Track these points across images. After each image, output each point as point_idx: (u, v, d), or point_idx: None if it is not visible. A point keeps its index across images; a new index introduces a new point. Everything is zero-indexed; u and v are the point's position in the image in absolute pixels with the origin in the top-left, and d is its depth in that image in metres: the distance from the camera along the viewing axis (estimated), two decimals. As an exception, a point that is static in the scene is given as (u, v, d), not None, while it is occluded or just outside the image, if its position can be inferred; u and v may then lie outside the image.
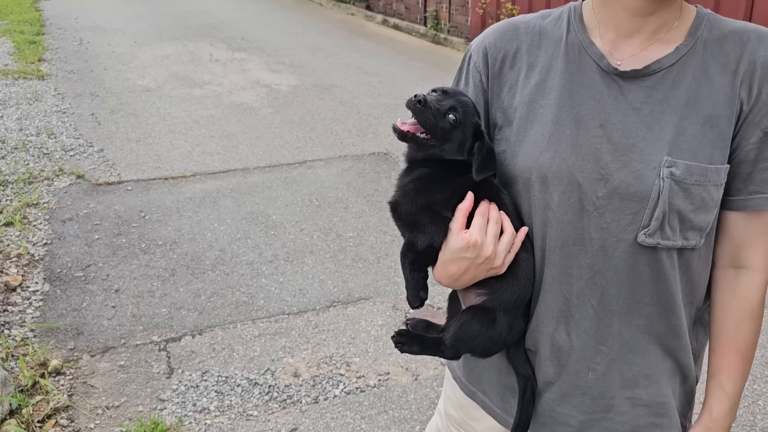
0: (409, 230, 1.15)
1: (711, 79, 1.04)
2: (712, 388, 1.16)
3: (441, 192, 1.13)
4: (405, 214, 1.15)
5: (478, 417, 1.33)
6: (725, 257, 1.14)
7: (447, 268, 1.13)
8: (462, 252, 1.09)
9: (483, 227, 1.09)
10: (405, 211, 1.15)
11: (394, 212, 1.18)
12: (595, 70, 1.09)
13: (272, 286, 3.73)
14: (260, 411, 2.82)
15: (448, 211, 1.12)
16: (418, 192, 1.14)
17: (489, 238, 1.09)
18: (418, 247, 1.13)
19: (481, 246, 1.08)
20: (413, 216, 1.14)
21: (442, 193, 1.13)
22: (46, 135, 5.67)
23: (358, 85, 7.94)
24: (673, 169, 1.01)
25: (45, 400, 2.76)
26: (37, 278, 3.64)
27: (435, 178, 1.15)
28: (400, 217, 1.17)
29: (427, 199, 1.13)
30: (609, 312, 1.10)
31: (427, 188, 1.14)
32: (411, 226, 1.15)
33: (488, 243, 1.09)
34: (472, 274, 1.12)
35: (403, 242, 1.18)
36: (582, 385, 1.14)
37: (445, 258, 1.12)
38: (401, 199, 1.16)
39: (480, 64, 1.20)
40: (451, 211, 1.12)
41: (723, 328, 1.15)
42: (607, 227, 1.06)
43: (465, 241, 1.08)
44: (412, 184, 1.16)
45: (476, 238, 1.07)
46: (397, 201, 1.17)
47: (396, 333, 1.21)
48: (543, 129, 1.10)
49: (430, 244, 1.12)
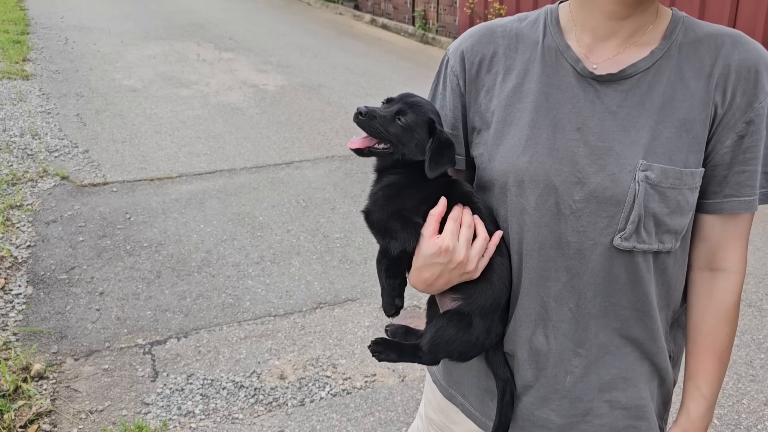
0: (382, 237, 1.16)
1: (686, 83, 1.05)
2: (689, 390, 1.17)
3: (411, 198, 1.13)
4: (377, 221, 1.15)
5: (457, 420, 1.33)
6: (701, 260, 1.14)
7: (420, 273, 1.12)
8: (434, 257, 1.08)
9: (455, 232, 1.09)
10: (377, 219, 1.15)
11: (368, 220, 1.18)
12: (572, 74, 1.09)
13: (258, 288, 3.71)
14: (246, 414, 2.80)
15: (419, 217, 1.12)
16: (387, 199, 1.15)
17: (461, 242, 1.09)
18: (391, 254, 1.14)
19: (453, 251, 1.08)
20: (384, 223, 1.14)
21: (413, 198, 1.13)
22: (30, 136, 5.62)
23: (346, 85, 7.93)
24: (649, 173, 1.02)
25: (27, 404, 2.73)
26: (20, 281, 3.60)
27: (404, 183, 1.15)
28: (373, 224, 1.17)
29: (397, 205, 1.13)
30: (586, 315, 1.10)
31: (396, 194, 1.14)
32: (383, 233, 1.15)
33: (460, 248, 1.08)
34: (445, 279, 1.11)
35: (378, 250, 1.18)
36: (560, 388, 1.14)
37: (419, 263, 1.12)
38: (372, 207, 1.16)
39: (457, 68, 1.20)
40: (423, 217, 1.12)
41: (700, 330, 1.15)
42: (583, 231, 1.06)
43: (437, 247, 1.08)
44: (381, 191, 1.16)
45: (448, 243, 1.07)
46: (369, 209, 1.17)
47: (372, 342, 1.21)
48: (520, 133, 1.10)
49: (404, 249, 1.12)
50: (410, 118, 1.12)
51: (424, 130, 1.13)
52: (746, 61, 1.04)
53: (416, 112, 1.13)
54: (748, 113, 1.04)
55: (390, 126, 1.12)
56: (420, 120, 1.13)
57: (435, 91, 1.26)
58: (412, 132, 1.12)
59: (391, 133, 1.12)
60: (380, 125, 1.11)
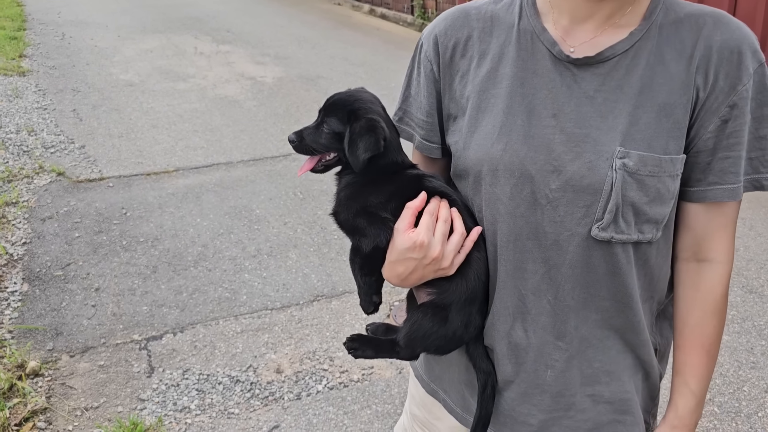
0: (351, 235, 1.15)
1: (666, 66, 1.00)
2: (677, 386, 1.13)
3: (375, 194, 1.12)
4: (344, 221, 1.15)
5: (440, 416, 1.30)
6: (687, 250, 1.10)
7: (394, 267, 1.09)
8: (408, 252, 1.05)
9: (431, 227, 1.05)
10: (343, 219, 1.14)
11: (337, 221, 1.17)
12: (548, 58, 1.04)
13: (255, 281, 3.69)
14: (242, 409, 2.78)
15: (387, 213, 1.10)
16: (350, 198, 1.14)
17: (437, 238, 1.05)
18: (363, 251, 1.12)
19: (427, 246, 1.04)
20: (351, 222, 1.13)
21: (377, 195, 1.11)
22: (27, 132, 5.59)
23: (344, 76, 7.88)
24: (626, 160, 0.97)
25: (22, 402, 2.72)
26: (15, 278, 3.58)
27: (363, 181, 1.14)
28: (342, 224, 1.16)
29: (361, 203, 1.12)
30: (565, 307, 1.07)
31: (358, 193, 1.13)
32: (352, 232, 1.14)
33: (435, 243, 1.05)
34: (419, 275, 1.08)
35: (350, 249, 1.17)
36: (541, 383, 1.11)
37: (392, 258, 1.09)
38: (338, 207, 1.16)
39: (431, 52, 1.15)
40: (393, 213, 1.09)
41: (687, 323, 1.11)
42: (560, 221, 1.02)
43: (411, 241, 1.04)
44: (343, 191, 1.16)
45: (423, 238, 1.03)
46: (336, 210, 1.17)
47: (348, 339, 1.19)
48: (494, 119, 1.06)
49: (375, 245, 1.10)
50: (330, 121, 1.13)
51: (346, 126, 1.12)
52: (729, 41, 0.99)
53: (334, 112, 1.13)
54: (731, 96, 0.99)
55: (320, 138, 1.14)
56: (340, 117, 1.12)
57: (410, 79, 1.22)
58: (337, 133, 1.13)
59: (323, 144, 1.14)
60: (312, 142, 1.14)
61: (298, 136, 1.15)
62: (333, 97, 1.15)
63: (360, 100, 1.14)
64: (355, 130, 1.09)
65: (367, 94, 1.17)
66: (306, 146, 1.15)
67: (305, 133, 1.15)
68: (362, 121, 1.10)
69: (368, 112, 1.12)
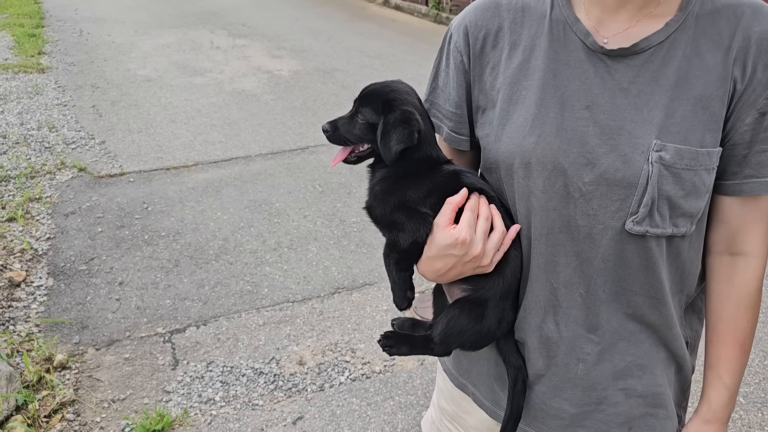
0: (388, 231, 1.13)
1: (703, 57, 0.98)
2: (710, 379, 1.12)
3: (412, 189, 1.10)
4: (380, 216, 1.13)
5: (469, 410, 1.30)
6: (721, 243, 1.09)
7: (432, 263, 1.08)
8: (449, 249, 1.04)
9: (472, 223, 1.05)
10: (380, 213, 1.13)
11: (371, 215, 1.16)
12: (581, 49, 1.03)
13: (276, 275, 3.71)
14: (266, 400, 2.81)
15: (426, 207, 1.08)
16: (386, 192, 1.12)
17: (478, 235, 1.04)
18: (401, 246, 1.10)
19: (470, 244, 1.03)
20: (389, 216, 1.11)
21: (414, 189, 1.10)
22: (48, 129, 5.65)
23: (360, 68, 7.87)
24: (663, 153, 0.96)
25: (51, 395, 2.77)
26: (41, 273, 3.63)
27: (399, 175, 1.12)
28: (377, 219, 1.14)
29: (398, 197, 1.10)
30: (597, 300, 1.06)
31: (394, 186, 1.12)
32: (389, 227, 1.12)
33: (477, 241, 1.04)
34: (458, 271, 1.08)
35: (385, 244, 1.14)
36: (572, 377, 1.11)
37: (431, 253, 1.08)
38: (373, 201, 1.14)
39: (461, 43, 1.14)
40: (432, 208, 1.08)
41: (720, 317, 1.10)
42: (593, 214, 1.01)
43: (453, 238, 1.03)
44: (378, 185, 1.14)
45: (465, 235, 1.03)
46: (371, 204, 1.15)
47: (382, 336, 1.18)
48: (526, 112, 1.05)
49: (414, 240, 1.09)
50: (365, 112, 1.11)
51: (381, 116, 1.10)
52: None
53: (369, 102, 1.11)
54: None
55: (354, 128, 1.12)
56: (375, 108, 1.11)
57: (438, 69, 1.21)
58: (372, 124, 1.11)
59: (357, 135, 1.12)
60: (346, 133, 1.13)
61: (332, 125, 1.13)
62: (369, 88, 1.14)
63: (396, 91, 1.12)
64: (388, 121, 1.08)
65: (404, 86, 1.15)
66: (340, 136, 1.13)
67: (339, 123, 1.13)
68: (396, 112, 1.09)
69: (403, 103, 1.11)
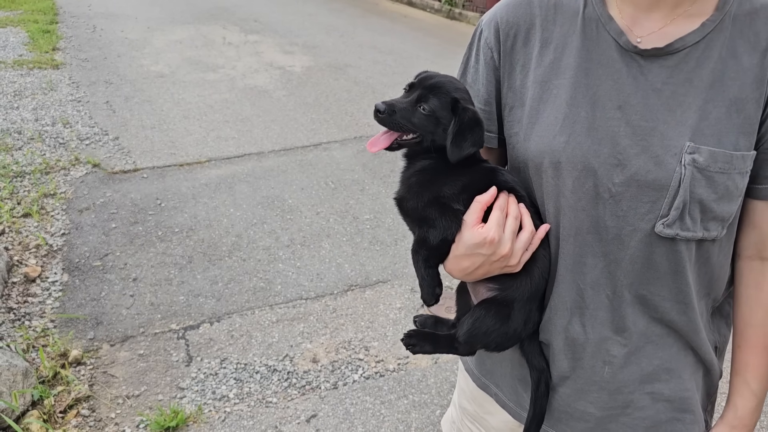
0: (419, 226, 1.10)
1: (739, 59, 0.96)
2: (737, 386, 1.11)
3: (449, 184, 1.07)
4: (412, 209, 1.10)
5: (492, 410, 1.29)
6: (751, 248, 1.07)
7: (460, 262, 1.07)
8: (477, 248, 1.03)
9: (501, 222, 1.03)
10: (412, 207, 1.10)
11: (401, 208, 1.13)
12: (614, 48, 1.01)
13: (289, 271, 3.71)
14: (279, 398, 2.81)
15: (459, 204, 1.06)
16: (422, 185, 1.09)
17: (507, 235, 1.03)
18: (430, 243, 1.07)
19: (498, 243, 1.02)
20: (421, 211, 1.08)
21: (451, 185, 1.07)
22: (62, 124, 5.68)
23: (373, 64, 7.85)
24: (696, 156, 0.94)
25: (66, 390, 2.78)
26: (55, 269, 3.65)
27: (438, 169, 1.09)
28: (408, 213, 1.11)
29: (434, 192, 1.07)
30: (624, 302, 1.04)
31: (431, 180, 1.09)
32: (420, 222, 1.09)
33: (506, 240, 1.03)
34: (485, 270, 1.06)
35: (414, 239, 1.12)
36: (598, 379, 1.09)
37: (459, 252, 1.06)
38: (406, 194, 1.11)
39: (491, 40, 1.12)
40: (464, 205, 1.06)
41: (749, 323, 1.08)
42: (623, 215, 1.00)
43: (481, 237, 1.02)
44: (415, 177, 1.11)
45: (494, 235, 1.01)
46: (403, 196, 1.11)
47: (405, 335, 1.17)
48: (557, 111, 1.03)
49: (444, 238, 1.06)
50: (432, 103, 1.06)
51: (449, 113, 1.07)
52: None
53: (437, 95, 1.07)
54: None
55: (413, 116, 1.07)
56: (443, 102, 1.07)
57: (467, 65, 1.19)
58: (437, 117, 1.07)
59: (415, 123, 1.07)
60: (402, 118, 1.07)
61: (389, 107, 1.06)
62: (433, 79, 1.09)
63: (461, 90, 1.10)
64: (464, 121, 1.05)
65: (462, 84, 1.13)
66: (395, 121, 1.07)
67: (398, 106, 1.07)
68: (470, 112, 1.06)
69: (469, 102, 1.09)
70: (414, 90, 1.09)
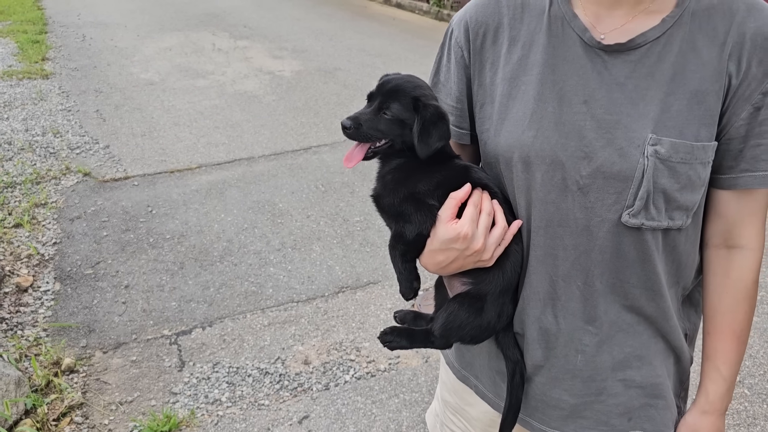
0: (395, 221, 1.13)
1: (698, 53, 0.99)
2: (707, 371, 1.14)
3: (423, 181, 1.10)
4: (388, 205, 1.13)
5: (471, 402, 1.32)
6: (717, 237, 1.10)
7: (434, 256, 1.10)
8: (451, 243, 1.06)
9: (474, 218, 1.06)
10: (388, 203, 1.13)
11: (378, 205, 1.16)
12: (579, 44, 1.04)
13: (280, 275, 3.73)
14: (271, 400, 2.83)
15: (434, 200, 1.09)
16: (398, 182, 1.12)
17: (480, 230, 1.06)
18: (407, 237, 1.11)
19: (471, 239, 1.05)
20: (397, 207, 1.11)
21: (425, 182, 1.10)
22: (52, 134, 5.69)
23: (362, 67, 7.88)
24: (658, 147, 0.97)
25: (59, 398, 2.79)
26: (47, 278, 3.66)
27: (413, 166, 1.12)
28: (384, 209, 1.14)
29: (409, 189, 1.10)
30: (594, 292, 1.07)
31: (406, 177, 1.12)
32: (396, 217, 1.12)
33: (479, 236, 1.06)
34: (459, 264, 1.09)
35: (391, 235, 1.15)
36: (571, 368, 1.12)
37: (433, 247, 1.09)
38: (382, 191, 1.14)
39: (461, 39, 1.16)
40: (438, 201, 1.09)
41: (718, 309, 1.11)
42: (591, 207, 1.03)
43: (455, 232, 1.05)
44: (390, 174, 1.14)
45: (467, 230, 1.05)
46: (379, 193, 1.15)
47: (381, 332, 1.20)
48: (525, 107, 1.07)
49: (419, 232, 1.10)
50: (394, 107, 1.10)
51: (412, 112, 1.10)
52: (762, 28, 0.98)
53: (397, 98, 1.10)
54: (765, 83, 0.98)
55: (378, 124, 1.10)
56: (404, 104, 1.10)
57: (439, 64, 1.22)
58: (401, 120, 1.10)
59: (383, 130, 1.10)
60: (369, 129, 1.10)
61: (354, 122, 1.09)
62: (391, 83, 1.13)
63: (420, 87, 1.13)
64: (426, 118, 1.08)
65: (422, 80, 1.16)
66: (363, 133, 1.09)
67: (362, 118, 1.10)
68: (431, 108, 1.09)
69: (430, 98, 1.12)
70: (375, 98, 1.13)
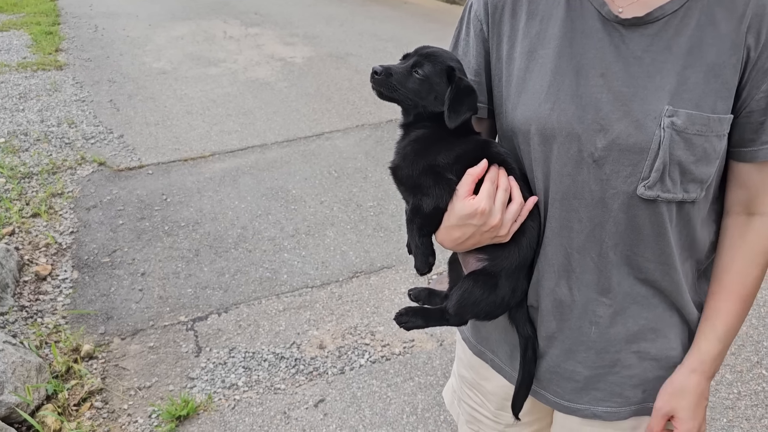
0: (413, 194, 1.12)
1: (716, 26, 0.98)
2: (704, 329, 1.13)
3: (443, 154, 1.09)
4: (406, 177, 1.12)
5: (488, 376, 1.33)
6: (738, 206, 1.10)
7: (451, 232, 1.10)
8: (468, 218, 1.06)
9: (492, 194, 1.06)
10: (406, 175, 1.12)
11: (396, 176, 1.15)
12: (596, 18, 1.04)
13: (295, 261, 3.75)
14: (287, 384, 2.85)
15: (452, 174, 1.09)
16: (417, 154, 1.11)
17: (497, 206, 1.06)
18: (424, 211, 1.10)
19: (488, 214, 1.05)
20: (415, 179, 1.10)
21: (445, 155, 1.09)
22: (67, 125, 5.73)
23: (374, 52, 7.84)
24: (674, 119, 0.97)
25: (79, 384, 2.84)
26: (65, 266, 3.71)
27: (433, 138, 1.11)
28: (402, 181, 1.13)
29: (429, 160, 1.09)
30: (608, 263, 1.08)
31: (426, 149, 1.11)
32: (414, 190, 1.11)
33: (496, 211, 1.06)
34: (476, 240, 1.10)
35: (408, 208, 1.14)
36: (585, 339, 1.13)
37: (450, 223, 1.09)
38: (401, 162, 1.13)
39: (481, 12, 1.16)
40: (456, 175, 1.08)
41: (729, 270, 1.10)
42: (606, 179, 1.03)
43: (473, 208, 1.05)
44: (410, 146, 1.13)
45: (484, 206, 1.05)
46: (398, 165, 1.14)
47: (397, 313, 1.21)
48: (542, 80, 1.07)
49: (437, 206, 1.09)
50: (427, 69, 1.09)
51: (443, 80, 1.09)
52: None
53: (433, 62, 1.09)
54: None
55: (407, 81, 1.09)
56: (438, 69, 1.09)
57: (458, 38, 1.22)
58: (431, 83, 1.09)
59: (410, 88, 1.09)
60: (397, 82, 1.08)
61: (385, 70, 1.08)
62: (428, 48, 1.13)
63: (456, 60, 1.13)
64: (460, 87, 1.08)
65: (456, 56, 1.16)
66: (390, 84, 1.09)
67: (393, 70, 1.09)
68: (465, 80, 1.10)
69: (463, 73, 1.12)
70: (410, 57, 1.12)
